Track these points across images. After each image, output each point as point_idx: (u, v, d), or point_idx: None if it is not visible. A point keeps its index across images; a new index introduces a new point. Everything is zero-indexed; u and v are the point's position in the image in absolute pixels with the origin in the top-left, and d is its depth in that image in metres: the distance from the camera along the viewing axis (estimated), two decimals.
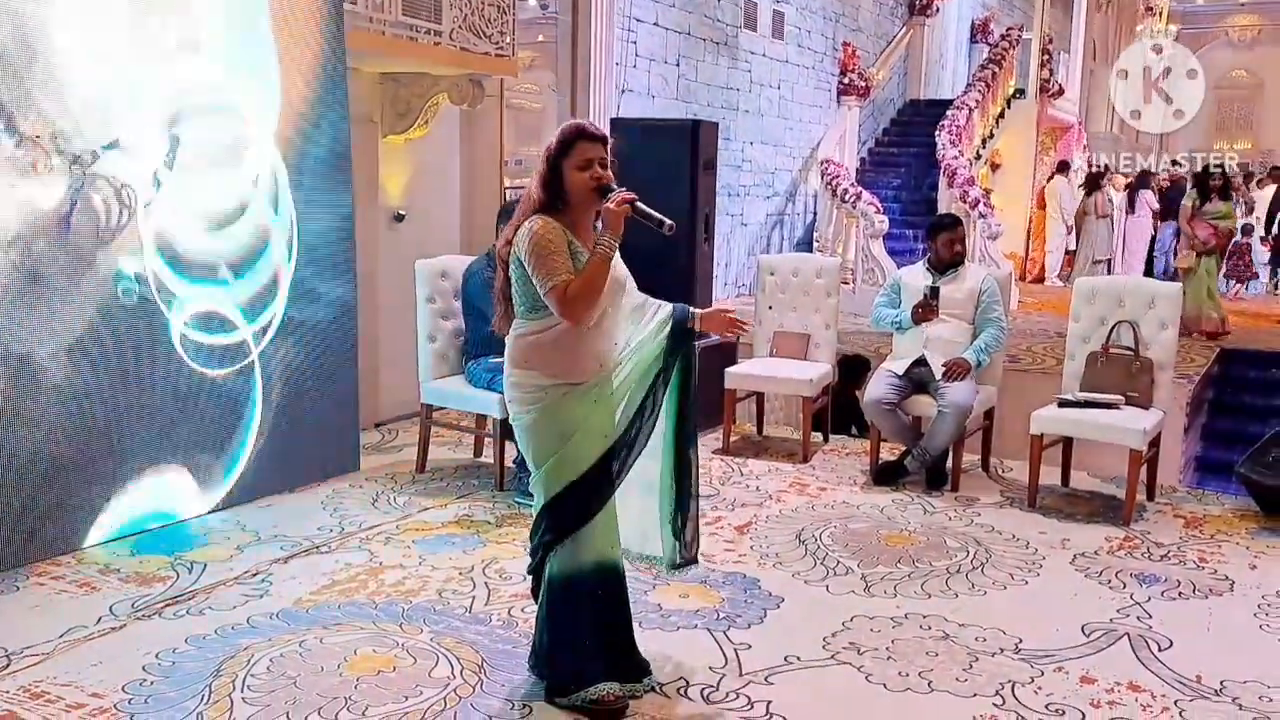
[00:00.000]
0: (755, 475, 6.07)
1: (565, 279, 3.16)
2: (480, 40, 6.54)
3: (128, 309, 4.64)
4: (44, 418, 4.38)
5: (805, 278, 6.77)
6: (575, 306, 3.17)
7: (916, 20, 16.99)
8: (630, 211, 3.23)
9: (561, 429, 3.27)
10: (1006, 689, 3.58)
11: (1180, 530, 5.26)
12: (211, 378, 5.02)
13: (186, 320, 4.88)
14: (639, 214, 3.26)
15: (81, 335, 4.48)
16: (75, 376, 4.48)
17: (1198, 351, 9.73)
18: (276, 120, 5.17)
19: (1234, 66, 28.07)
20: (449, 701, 3.40)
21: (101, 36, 4.48)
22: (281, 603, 4.13)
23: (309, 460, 5.54)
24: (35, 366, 4.33)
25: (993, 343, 5.87)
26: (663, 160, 6.46)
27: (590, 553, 3.34)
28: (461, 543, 4.83)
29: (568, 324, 3.21)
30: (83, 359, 4.50)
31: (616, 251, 3.24)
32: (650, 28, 10.39)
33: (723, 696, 3.48)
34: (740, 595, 4.32)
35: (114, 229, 4.55)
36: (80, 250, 4.45)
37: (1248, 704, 3.52)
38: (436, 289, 5.72)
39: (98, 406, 4.57)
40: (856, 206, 12.25)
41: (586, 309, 3.20)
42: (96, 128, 4.45)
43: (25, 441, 4.32)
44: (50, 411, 4.40)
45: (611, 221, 3.20)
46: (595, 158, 3.24)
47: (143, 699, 3.37)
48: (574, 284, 3.16)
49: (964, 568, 4.69)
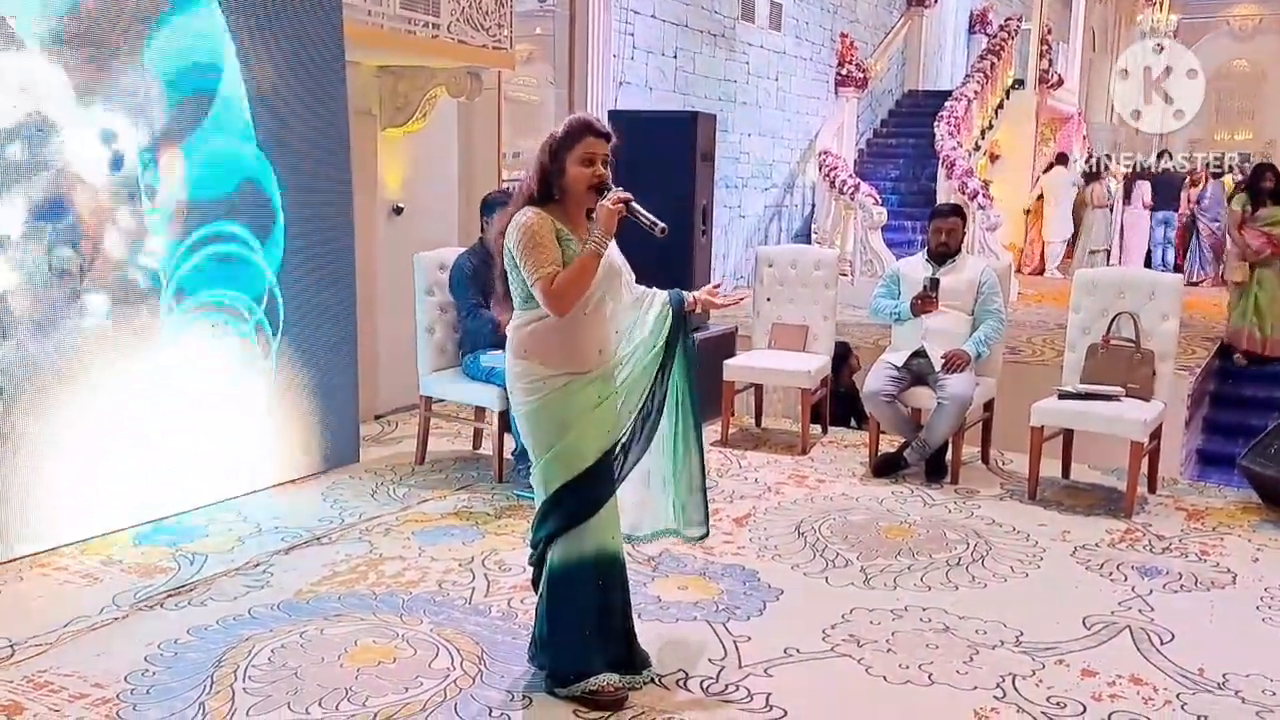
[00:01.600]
0: (754, 467, 6.07)
1: (551, 271, 3.17)
2: (478, 33, 6.52)
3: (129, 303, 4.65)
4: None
5: (803, 269, 6.76)
6: (560, 299, 3.18)
7: (914, 11, 16.97)
8: (625, 211, 3.23)
9: (562, 419, 3.27)
10: (1007, 681, 3.58)
11: (1182, 523, 5.26)
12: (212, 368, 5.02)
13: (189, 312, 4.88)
14: (633, 214, 3.26)
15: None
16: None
17: (1199, 343, 9.72)
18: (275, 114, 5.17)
19: (1234, 56, 27.99)
20: (449, 692, 3.40)
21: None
22: (282, 594, 4.13)
23: (309, 452, 5.54)
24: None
25: (992, 334, 5.86)
26: (660, 152, 6.45)
27: (591, 543, 3.34)
28: (461, 534, 4.83)
29: (554, 316, 3.21)
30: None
31: (612, 244, 3.25)
32: (648, 20, 10.37)
33: (722, 688, 3.48)
34: (739, 587, 4.32)
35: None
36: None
37: (1250, 697, 3.52)
38: (435, 281, 5.71)
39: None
40: (855, 198, 12.24)
41: (571, 302, 3.20)
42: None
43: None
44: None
45: (605, 220, 3.20)
46: (598, 155, 3.24)
47: (145, 689, 3.37)
48: (561, 277, 3.17)
49: (964, 560, 4.69)
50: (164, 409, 4.83)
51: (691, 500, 3.58)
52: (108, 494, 4.65)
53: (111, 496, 4.66)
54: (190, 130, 4.84)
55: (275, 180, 5.20)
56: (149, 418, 4.77)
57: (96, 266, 4.53)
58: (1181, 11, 24.14)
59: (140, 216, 4.67)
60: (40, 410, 4.37)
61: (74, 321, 4.47)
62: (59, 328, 4.41)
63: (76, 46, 4.38)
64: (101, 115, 4.49)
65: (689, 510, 3.57)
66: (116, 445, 4.66)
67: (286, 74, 5.20)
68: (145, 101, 4.65)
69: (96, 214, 4.51)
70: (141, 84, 4.63)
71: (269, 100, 5.14)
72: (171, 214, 4.80)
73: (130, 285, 4.67)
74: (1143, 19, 22.62)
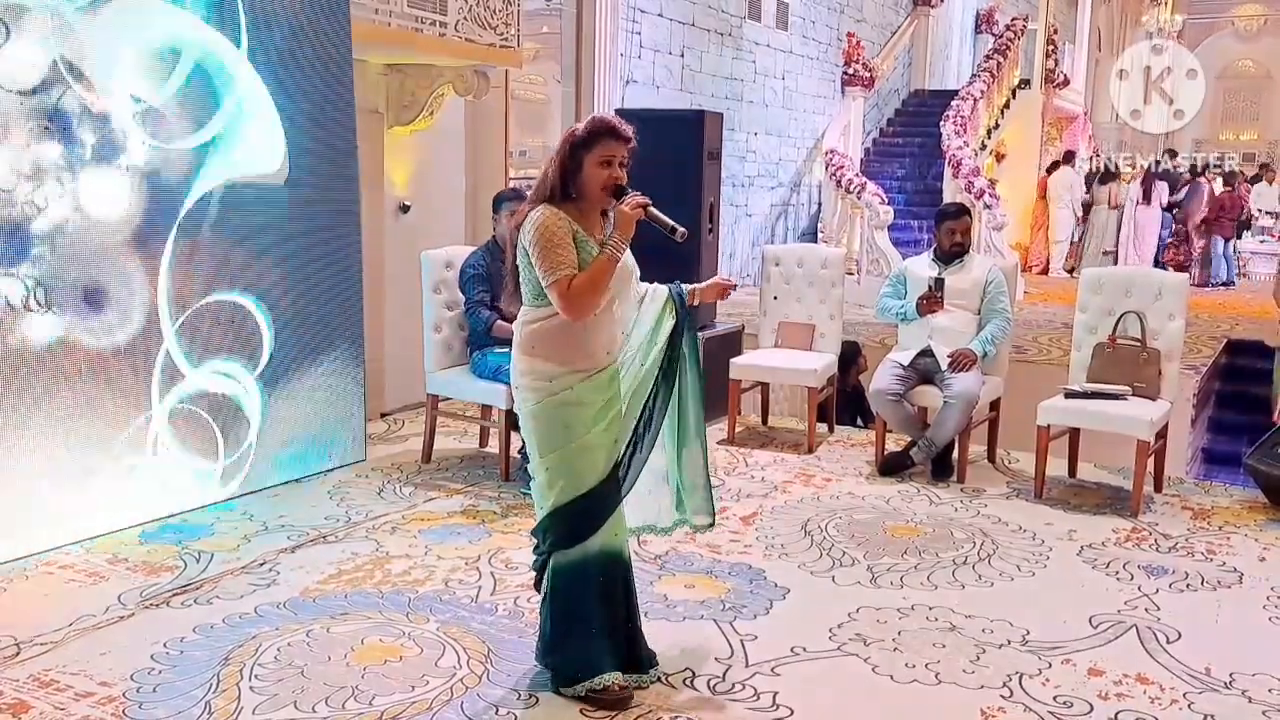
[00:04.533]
0: (760, 466, 6.07)
1: (568, 274, 3.15)
2: (485, 31, 6.52)
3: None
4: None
5: (810, 268, 6.75)
6: (576, 303, 3.16)
7: (921, 10, 16.96)
8: (643, 215, 3.22)
9: (567, 421, 3.25)
10: (1014, 680, 3.57)
11: (1188, 522, 5.25)
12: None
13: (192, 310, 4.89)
14: (652, 219, 3.25)
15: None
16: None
17: (1205, 342, 9.71)
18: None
19: (1240, 57, 27.97)
20: (455, 691, 3.40)
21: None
22: (289, 592, 4.13)
23: (315, 450, 5.54)
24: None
25: (999, 333, 5.85)
26: (667, 151, 6.44)
27: (596, 543, 3.33)
28: (467, 533, 4.83)
29: (569, 319, 3.20)
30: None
31: (627, 251, 3.24)
32: (654, 18, 10.37)
33: (729, 687, 3.48)
34: (746, 586, 4.31)
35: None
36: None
37: (1257, 697, 3.51)
38: (442, 280, 5.71)
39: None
40: (861, 197, 12.24)
41: (588, 307, 3.18)
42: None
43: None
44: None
45: (623, 225, 3.19)
46: (617, 157, 3.23)
47: (151, 688, 3.37)
48: (578, 280, 3.15)
49: (970, 559, 4.68)
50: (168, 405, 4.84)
51: (699, 493, 3.58)
52: (114, 491, 4.65)
53: (118, 494, 4.67)
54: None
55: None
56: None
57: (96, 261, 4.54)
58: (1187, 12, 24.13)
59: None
60: (42, 404, 4.38)
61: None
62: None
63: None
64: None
65: (696, 500, 3.58)
66: (119, 442, 4.67)
67: (294, 72, 5.20)
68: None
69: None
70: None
71: (276, 97, 5.14)
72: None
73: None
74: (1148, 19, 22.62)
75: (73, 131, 4.36)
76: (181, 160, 4.76)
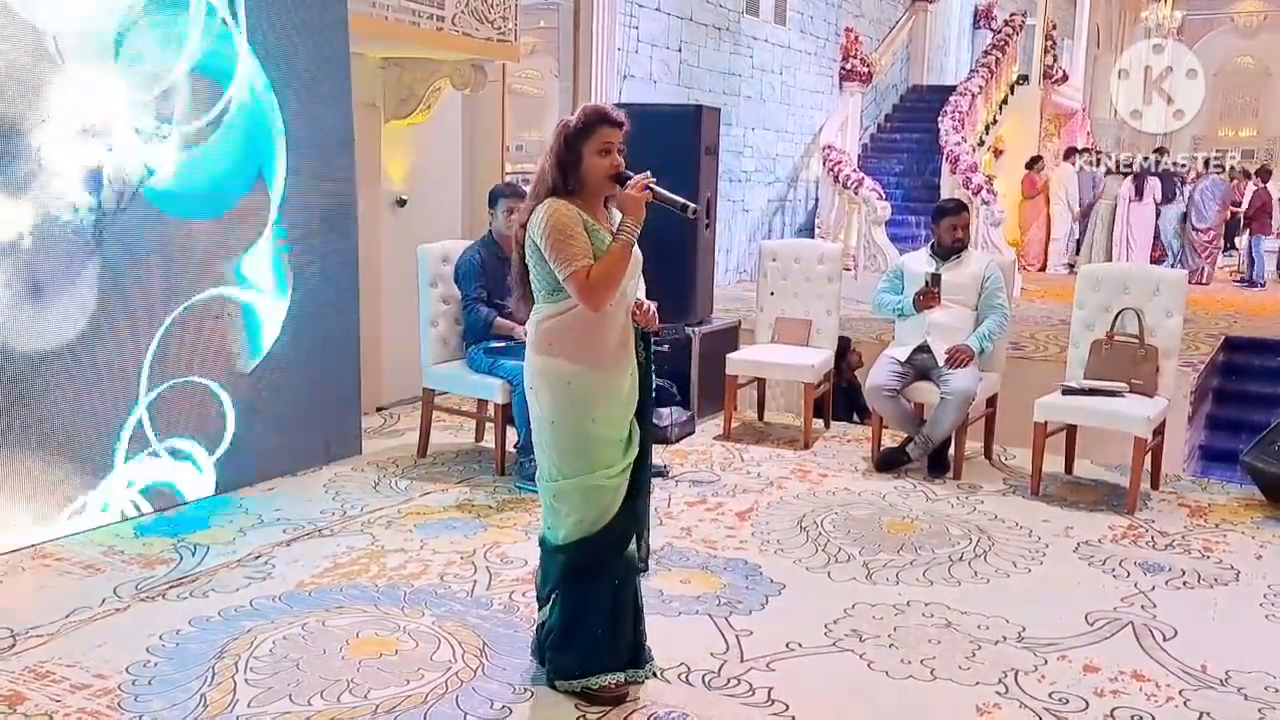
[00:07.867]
0: (756, 461, 6.06)
1: (585, 264, 3.11)
2: (482, 25, 6.51)
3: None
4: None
5: (807, 264, 6.75)
6: (596, 293, 3.12)
7: (919, 6, 16.96)
8: (651, 197, 3.19)
9: (583, 414, 3.20)
10: (1009, 677, 3.57)
11: (1185, 519, 5.25)
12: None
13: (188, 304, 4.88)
14: (659, 199, 3.21)
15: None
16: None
17: (1202, 339, 9.71)
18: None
19: (1239, 53, 27.98)
20: (450, 685, 3.40)
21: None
22: (284, 585, 4.13)
23: (311, 444, 5.54)
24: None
25: (996, 329, 5.85)
26: (665, 146, 6.40)
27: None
28: (463, 527, 4.83)
29: (589, 310, 3.16)
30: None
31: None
32: (652, 13, 10.36)
33: (724, 683, 3.47)
34: (741, 581, 4.31)
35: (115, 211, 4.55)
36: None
37: (1253, 694, 3.51)
38: (438, 274, 5.70)
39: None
40: (859, 192, 12.24)
41: (608, 295, 3.15)
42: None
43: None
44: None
45: (633, 208, 3.16)
46: (615, 143, 3.19)
47: (146, 680, 3.37)
48: (595, 270, 3.11)
49: (966, 555, 4.68)
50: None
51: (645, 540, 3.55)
52: (109, 483, 4.65)
53: (114, 486, 4.66)
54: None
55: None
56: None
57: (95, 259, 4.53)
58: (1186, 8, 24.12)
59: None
60: (41, 397, 4.37)
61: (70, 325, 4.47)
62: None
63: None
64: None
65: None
66: (110, 436, 4.66)
67: (292, 65, 5.19)
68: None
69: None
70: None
71: (274, 90, 5.12)
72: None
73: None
74: (1147, 15, 22.61)
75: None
76: (173, 154, 4.75)
